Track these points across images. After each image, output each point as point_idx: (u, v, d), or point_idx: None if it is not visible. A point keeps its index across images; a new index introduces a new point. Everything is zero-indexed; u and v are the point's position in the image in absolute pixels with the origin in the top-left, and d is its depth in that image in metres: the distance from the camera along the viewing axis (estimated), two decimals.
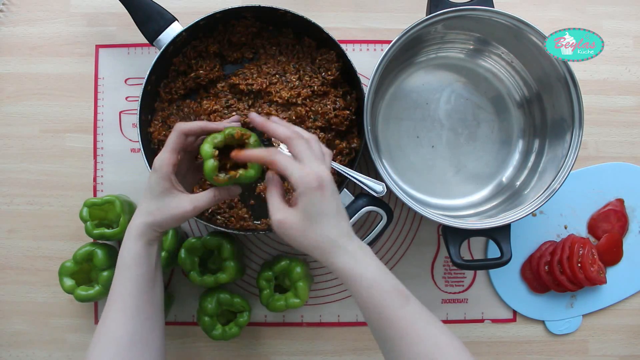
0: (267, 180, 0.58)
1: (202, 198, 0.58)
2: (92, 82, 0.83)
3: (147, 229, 0.58)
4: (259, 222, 0.77)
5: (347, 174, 0.69)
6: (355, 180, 0.68)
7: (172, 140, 0.58)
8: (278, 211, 0.54)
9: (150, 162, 0.72)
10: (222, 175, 0.57)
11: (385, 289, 0.52)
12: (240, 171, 0.58)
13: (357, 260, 0.53)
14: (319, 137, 0.74)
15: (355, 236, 0.55)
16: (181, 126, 0.58)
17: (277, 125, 0.56)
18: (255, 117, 0.58)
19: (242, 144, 0.59)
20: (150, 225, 0.58)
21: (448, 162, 0.80)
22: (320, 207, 0.52)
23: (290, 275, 0.75)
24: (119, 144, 0.82)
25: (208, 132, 0.59)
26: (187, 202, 0.57)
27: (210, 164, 0.56)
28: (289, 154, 0.74)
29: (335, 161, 0.73)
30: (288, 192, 0.74)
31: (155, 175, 0.57)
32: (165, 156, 0.57)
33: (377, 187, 0.67)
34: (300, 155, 0.54)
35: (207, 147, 0.57)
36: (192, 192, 0.64)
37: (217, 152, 0.57)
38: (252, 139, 0.59)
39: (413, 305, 0.53)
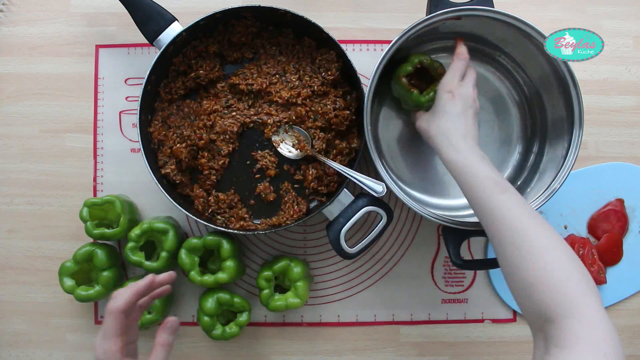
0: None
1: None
2: (92, 82, 0.83)
3: None
4: (258, 222, 0.77)
5: (347, 174, 0.69)
6: (355, 180, 0.68)
7: (112, 326, 0.52)
8: (420, 114, 0.70)
9: (150, 162, 0.72)
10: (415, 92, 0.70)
11: (480, 175, 0.58)
12: (431, 92, 0.69)
13: (460, 152, 0.61)
14: (319, 137, 0.74)
15: (472, 142, 0.62)
16: (115, 305, 0.53)
17: (463, 46, 0.69)
18: (461, 46, 0.69)
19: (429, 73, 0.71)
20: None
21: None
22: (445, 106, 0.65)
23: (290, 275, 0.75)
24: (119, 144, 0.82)
25: (143, 295, 0.55)
26: None
27: (403, 81, 0.70)
28: (289, 154, 0.75)
29: (335, 161, 0.73)
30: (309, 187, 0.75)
31: None
32: (109, 346, 0.52)
33: (377, 187, 0.67)
34: (453, 70, 0.67)
35: (402, 71, 0.70)
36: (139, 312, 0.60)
37: (411, 70, 0.70)
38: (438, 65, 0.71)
39: (509, 195, 0.56)
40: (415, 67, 0.71)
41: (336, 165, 0.70)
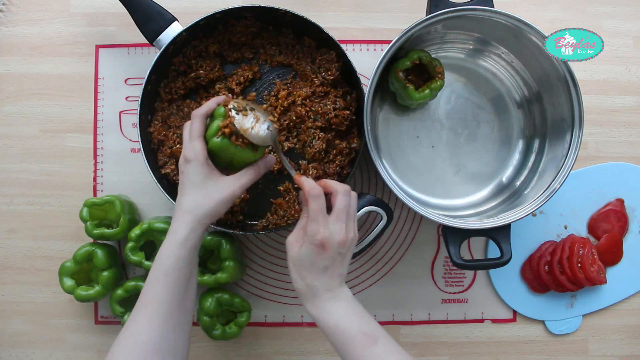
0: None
1: (245, 175, 0.59)
2: (92, 82, 0.83)
3: (195, 227, 0.56)
4: (257, 222, 0.77)
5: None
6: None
7: (197, 127, 0.58)
8: (294, 243, 0.59)
9: (150, 162, 0.72)
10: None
11: (349, 332, 0.55)
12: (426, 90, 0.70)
13: (323, 309, 0.57)
14: (319, 137, 0.74)
15: (336, 288, 0.58)
16: (200, 111, 0.59)
17: (305, 180, 0.59)
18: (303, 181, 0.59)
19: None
20: (200, 219, 0.56)
21: (448, 162, 0.80)
22: (314, 260, 0.57)
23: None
24: (119, 144, 0.82)
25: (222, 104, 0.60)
26: (232, 182, 0.58)
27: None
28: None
29: (335, 161, 0.73)
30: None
31: (191, 165, 0.57)
32: (197, 143, 0.57)
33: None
34: (313, 215, 0.57)
35: (399, 65, 0.69)
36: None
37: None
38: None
39: (381, 345, 0.55)
40: (413, 63, 0.72)
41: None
